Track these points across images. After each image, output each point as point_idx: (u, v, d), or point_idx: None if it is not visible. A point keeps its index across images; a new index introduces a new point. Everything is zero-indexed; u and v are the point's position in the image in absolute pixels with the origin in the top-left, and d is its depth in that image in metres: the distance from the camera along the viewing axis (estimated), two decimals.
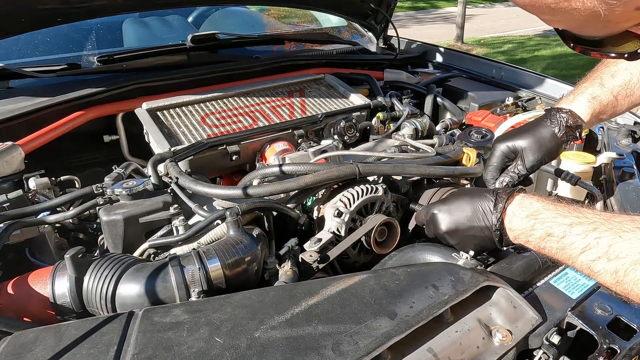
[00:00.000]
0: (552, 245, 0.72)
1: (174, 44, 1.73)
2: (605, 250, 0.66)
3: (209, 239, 0.91)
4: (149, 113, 1.35)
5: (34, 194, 1.07)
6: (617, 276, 0.64)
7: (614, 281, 0.64)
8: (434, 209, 0.90)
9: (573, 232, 0.70)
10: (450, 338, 0.67)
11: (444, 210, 0.88)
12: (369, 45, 2.21)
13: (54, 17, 1.44)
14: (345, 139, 1.37)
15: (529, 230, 0.76)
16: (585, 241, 0.68)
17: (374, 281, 0.73)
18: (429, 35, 9.81)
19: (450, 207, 0.87)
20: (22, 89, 1.46)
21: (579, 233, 0.69)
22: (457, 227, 0.86)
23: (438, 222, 0.88)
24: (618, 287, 0.65)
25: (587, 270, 0.68)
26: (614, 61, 0.95)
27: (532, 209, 0.77)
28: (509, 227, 0.79)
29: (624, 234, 0.65)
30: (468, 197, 0.86)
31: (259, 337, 0.60)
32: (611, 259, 0.65)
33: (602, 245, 0.66)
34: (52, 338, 0.61)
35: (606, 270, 0.65)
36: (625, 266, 0.63)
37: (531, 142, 0.96)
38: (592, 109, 0.95)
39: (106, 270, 0.77)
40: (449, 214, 0.87)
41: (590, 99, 0.95)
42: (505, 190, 0.82)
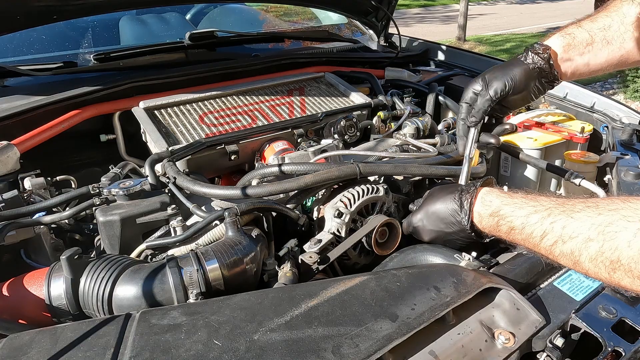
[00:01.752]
0: (517, 237, 0.76)
1: (171, 41, 1.73)
2: (560, 233, 0.68)
3: (207, 240, 0.91)
4: (146, 112, 1.35)
5: (29, 194, 1.07)
6: (573, 257, 0.66)
7: (572, 262, 0.67)
8: (412, 221, 0.96)
9: (530, 221, 0.73)
10: (453, 340, 0.67)
11: (420, 221, 0.94)
12: (369, 43, 2.20)
13: (50, 15, 1.44)
14: (346, 139, 1.37)
15: (496, 227, 0.80)
16: (542, 228, 0.70)
17: (374, 283, 0.73)
18: (430, 33, 9.82)
19: (424, 218, 0.94)
20: (17, 87, 1.46)
21: (536, 221, 0.72)
22: (437, 235, 0.92)
23: (420, 234, 0.95)
24: (577, 268, 0.67)
25: (550, 256, 0.71)
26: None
27: (493, 206, 0.81)
28: (480, 225, 0.83)
29: (575, 214, 0.67)
30: (438, 203, 0.91)
31: (258, 339, 0.60)
32: (565, 240, 0.67)
33: (557, 229, 0.68)
34: (48, 341, 0.61)
35: (564, 253, 0.67)
36: (579, 245, 0.65)
37: (505, 82, 0.93)
38: (565, 42, 0.93)
39: (103, 271, 0.76)
40: (428, 224, 0.93)
41: (563, 34, 0.94)
42: (467, 188, 0.86)
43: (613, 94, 5.70)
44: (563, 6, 13.36)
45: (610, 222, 0.62)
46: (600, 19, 0.95)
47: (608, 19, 0.94)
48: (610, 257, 0.61)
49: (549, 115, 1.52)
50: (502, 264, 0.87)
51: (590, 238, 0.64)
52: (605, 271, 0.62)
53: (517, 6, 14.40)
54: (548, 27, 10.70)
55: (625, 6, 0.93)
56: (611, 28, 0.93)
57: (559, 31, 0.97)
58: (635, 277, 0.59)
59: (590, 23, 0.95)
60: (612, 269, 0.62)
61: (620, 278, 0.61)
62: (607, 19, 0.94)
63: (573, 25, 0.97)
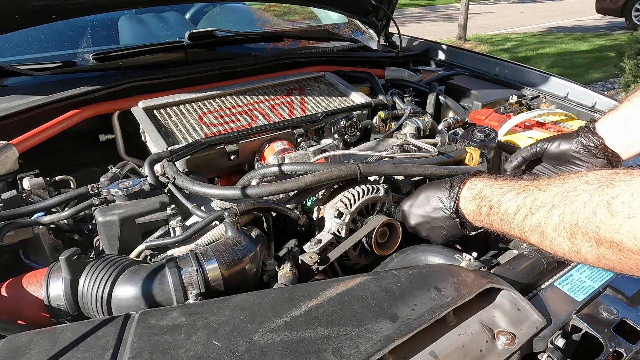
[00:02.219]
0: (495, 218, 0.77)
1: (171, 41, 1.73)
2: (529, 207, 0.69)
3: (206, 240, 0.91)
4: (146, 112, 1.35)
5: (28, 194, 1.07)
6: (540, 229, 0.67)
7: (540, 235, 0.67)
8: (402, 205, 0.99)
9: (506, 198, 0.75)
10: (453, 341, 0.67)
11: (408, 205, 0.97)
12: (370, 43, 2.20)
13: (49, 14, 1.43)
14: (346, 138, 1.37)
15: (478, 211, 0.81)
16: (516, 204, 0.72)
17: (375, 283, 0.73)
18: (431, 32, 9.83)
19: (414, 202, 0.96)
20: (16, 87, 1.46)
21: (511, 198, 0.73)
22: (423, 220, 0.93)
23: (407, 218, 0.97)
24: (545, 242, 0.67)
25: (524, 235, 0.71)
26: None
27: (477, 189, 0.83)
28: (465, 211, 0.85)
29: (546, 187, 0.68)
30: (428, 189, 0.93)
31: (257, 340, 0.60)
32: (534, 212, 0.68)
33: (528, 203, 0.70)
34: (47, 341, 0.61)
35: (532, 227, 0.68)
36: (544, 215, 0.66)
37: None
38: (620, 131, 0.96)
39: (102, 272, 0.76)
40: (415, 208, 0.95)
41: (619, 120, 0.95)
42: (460, 177, 0.89)
43: (615, 94, 5.70)
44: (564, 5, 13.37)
45: (573, 188, 0.64)
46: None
47: None
48: (570, 221, 0.62)
49: (550, 114, 1.52)
50: (503, 264, 0.87)
51: (554, 205, 0.65)
52: (567, 238, 0.63)
53: (517, 5, 14.41)
54: (549, 26, 10.71)
55: None
56: None
57: (610, 115, 0.96)
58: (592, 239, 0.59)
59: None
60: (571, 234, 0.62)
61: (580, 244, 0.62)
62: None
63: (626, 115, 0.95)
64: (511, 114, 1.54)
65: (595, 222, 0.59)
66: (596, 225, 0.59)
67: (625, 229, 0.55)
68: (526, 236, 0.71)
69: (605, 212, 0.58)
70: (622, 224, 0.56)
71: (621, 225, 0.56)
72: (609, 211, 0.57)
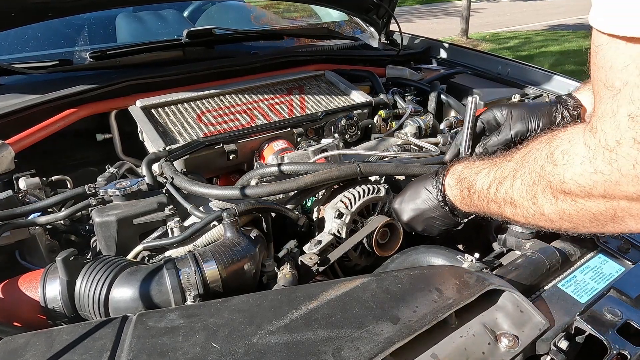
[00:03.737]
0: (474, 198, 0.77)
1: (169, 39, 1.73)
2: (499, 179, 0.69)
3: (205, 241, 0.91)
4: (143, 111, 1.35)
5: (24, 194, 1.07)
6: (509, 198, 0.67)
7: (510, 204, 0.67)
8: (393, 203, 0.98)
9: (480, 176, 0.75)
10: (455, 343, 0.67)
11: (399, 202, 0.96)
12: (370, 41, 2.21)
13: (45, 12, 1.44)
14: (346, 138, 1.37)
15: (460, 194, 0.81)
16: (488, 178, 0.72)
17: (375, 284, 0.73)
18: (432, 30, 9.82)
19: (404, 197, 0.95)
20: (11, 85, 1.46)
21: (485, 174, 0.74)
22: (415, 214, 0.92)
23: (400, 215, 0.96)
24: (517, 213, 0.67)
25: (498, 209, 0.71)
26: None
27: (457, 174, 0.83)
28: (452, 198, 0.85)
29: (512, 155, 0.69)
30: (416, 182, 0.93)
31: (257, 342, 0.60)
32: (502, 181, 0.68)
33: (498, 174, 0.70)
34: (43, 343, 0.61)
35: (503, 199, 0.68)
36: (510, 182, 0.66)
37: (522, 110, 0.96)
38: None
39: (99, 273, 0.76)
40: (406, 203, 0.94)
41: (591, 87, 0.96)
42: (445, 166, 0.88)
43: None
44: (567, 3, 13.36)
45: (530, 149, 0.64)
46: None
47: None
48: (528, 181, 0.63)
49: None
50: (506, 265, 0.87)
51: (517, 170, 0.66)
52: (530, 201, 0.63)
53: (520, 3, 14.40)
54: (551, 24, 10.71)
55: None
56: None
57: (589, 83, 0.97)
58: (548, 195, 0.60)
59: None
60: (532, 196, 0.63)
61: (542, 204, 0.62)
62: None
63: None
64: None
65: (545, 176, 0.60)
66: (546, 179, 0.60)
67: (568, 177, 0.56)
68: (501, 210, 0.71)
69: (549, 163, 0.59)
70: (565, 172, 0.57)
71: (564, 173, 0.57)
72: (552, 162, 0.59)
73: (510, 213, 0.70)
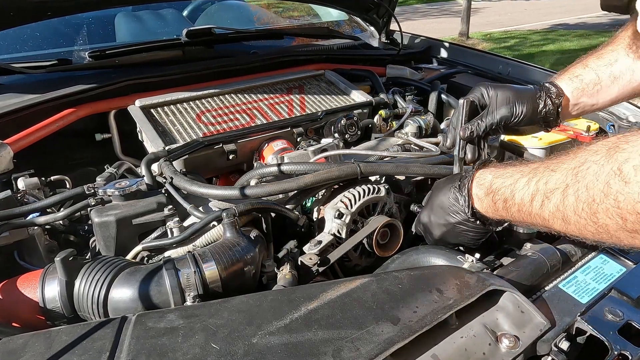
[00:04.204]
0: (513, 211, 0.72)
1: (168, 38, 1.73)
2: (544, 191, 0.64)
3: (204, 241, 0.91)
4: (143, 110, 1.35)
5: (23, 194, 1.07)
6: (560, 214, 0.62)
7: (562, 221, 0.62)
8: (421, 220, 0.93)
9: (518, 186, 0.70)
10: (455, 344, 0.67)
11: (426, 216, 0.91)
12: (370, 40, 2.21)
13: (44, 11, 1.44)
14: (346, 138, 1.37)
15: (494, 206, 0.76)
16: (529, 190, 0.67)
17: (376, 285, 0.73)
18: (433, 29, 9.83)
19: (430, 212, 0.90)
20: (10, 85, 1.46)
21: (524, 185, 0.69)
22: (447, 229, 0.87)
23: (430, 230, 0.91)
24: (570, 228, 0.62)
25: (545, 224, 0.67)
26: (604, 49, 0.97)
27: (486, 184, 0.78)
28: (482, 209, 0.80)
29: (557, 165, 0.64)
30: (440, 195, 0.87)
31: (256, 343, 0.60)
32: (549, 196, 0.63)
33: (541, 187, 0.65)
34: (42, 344, 0.61)
35: (552, 213, 0.63)
36: (561, 197, 0.61)
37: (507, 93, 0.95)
38: (574, 87, 0.96)
39: (98, 273, 0.76)
40: (435, 219, 0.89)
41: (572, 76, 0.96)
42: (466, 173, 0.83)
43: None
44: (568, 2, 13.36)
45: (583, 161, 0.59)
46: (606, 54, 0.95)
47: (614, 54, 0.94)
48: (586, 199, 0.57)
49: None
50: (506, 265, 0.87)
51: (568, 185, 0.60)
52: (589, 219, 0.58)
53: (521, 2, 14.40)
54: (552, 23, 10.71)
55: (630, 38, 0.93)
56: (618, 62, 0.93)
57: (567, 72, 0.98)
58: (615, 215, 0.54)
59: (596, 60, 0.96)
60: (592, 214, 0.57)
61: (605, 223, 0.56)
62: (614, 54, 0.94)
63: (580, 64, 0.98)
64: None
65: (612, 195, 0.53)
66: (614, 199, 0.53)
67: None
68: (549, 224, 0.66)
69: (618, 181, 0.52)
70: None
71: (639, 192, 0.50)
72: (621, 179, 0.52)
73: (561, 227, 0.64)
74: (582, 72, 0.96)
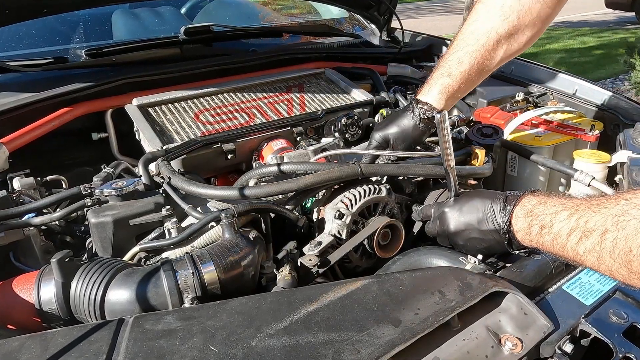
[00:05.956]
0: (547, 239, 0.74)
1: (166, 36, 1.73)
2: (583, 229, 0.68)
3: (203, 242, 0.91)
4: (140, 109, 1.35)
5: (18, 194, 1.07)
6: (595, 253, 0.65)
7: (596, 260, 0.66)
8: (445, 206, 0.93)
9: (558, 218, 0.72)
10: (458, 346, 0.67)
11: (456, 209, 0.91)
12: (371, 38, 2.21)
13: (40, 8, 1.43)
14: (347, 137, 1.37)
15: (528, 229, 0.79)
16: (569, 224, 0.70)
17: (376, 286, 0.73)
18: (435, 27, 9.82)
19: (462, 207, 0.90)
20: (5, 84, 1.46)
21: (564, 218, 0.71)
22: (465, 228, 0.88)
23: (447, 221, 0.91)
24: (602, 267, 0.66)
25: (578, 259, 0.70)
26: (460, 46, 1.10)
27: (529, 206, 0.80)
28: (515, 228, 0.81)
29: (598, 207, 0.67)
30: (480, 199, 0.88)
31: (255, 345, 0.60)
32: (587, 235, 0.67)
33: (581, 224, 0.68)
34: (38, 346, 0.61)
35: (587, 250, 0.67)
36: (598, 239, 0.65)
37: (398, 133, 1.14)
38: (446, 98, 1.10)
39: (95, 275, 0.76)
40: (460, 214, 0.89)
41: (442, 90, 1.10)
42: (517, 193, 0.84)
43: (625, 91, 5.70)
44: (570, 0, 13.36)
45: (624, 212, 0.62)
46: (465, 60, 1.09)
47: (472, 58, 1.08)
48: (624, 248, 0.61)
49: (558, 112, 1.52)
50: (509, 267, 0.87)
51: (607, 229, 0.64)
52: (623, 265, 0.62)
53: None
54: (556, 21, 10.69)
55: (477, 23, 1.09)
56: (477, 63, 1.09)
57: (435, 84, 1.10)
58: None
59: (458, 67, 1.09)
60: (627, 262, 0.61)
61: (639, 270, 0.61)
62: (471, 58, 1.08)
63: (445, 74, 1.10)
64: (517, 111, 1.54)
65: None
66: None
67: None
68: (581, 259, 0.69)
69: None
70: None
71: None
72: None
73: (593, 265, 0.68)
74: (450, 82, 1.10)
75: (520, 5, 1.05)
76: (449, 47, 1.14)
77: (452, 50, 1.11)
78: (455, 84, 1.09)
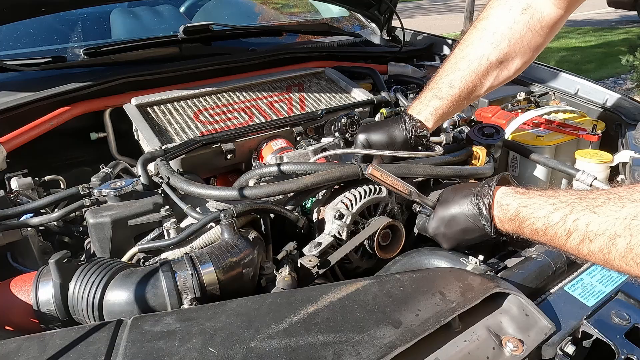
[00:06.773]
0: (542, 239, 0.76)
1: (165, 35, 1.73)
2: (584, 232, 0.68)
3: (202, 242, 0.91)
4: (139, 109, 1.35)
5: (16, 194, 1.07)
6: (602, 255, 0.66)
7: (602, 261, 0.67)
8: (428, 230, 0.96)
9: (552, 221, 0.73)
10: (459, 348, 0.67)
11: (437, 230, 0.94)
12: (372, 37, 2.21)
13: (38, 7, 1.43)
14: (347, 137, 1.36)
15: (518, 229, 0.80)
16: (565, 227, 0.71)
17: (377, 287, 0.73)
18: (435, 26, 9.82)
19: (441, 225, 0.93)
20: (3, 83, 1.46)
21: (558, 220, 0.72)
22: (458, 243, 0.92)
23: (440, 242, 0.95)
24: (609, 266, 0.67)
25: (580, 255, 0.71)
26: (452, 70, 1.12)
27: (511, 210, 0.81)
28: (503, 229, 0.84)
29: (598, 209, 0.67)
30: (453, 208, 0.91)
31: (255, 347, 0.60)
32: (592, 239, 0.67)
33: (581, 227, 0.69)
34: (36, 348, 0.61)
35: (592, 252, 0.67)
36: (606, 243, 0.65)
37: (386, 141, 1.12)
38: (435, 120, 1.14)
39: (93, 275, 0.76)
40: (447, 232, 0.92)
41: (433, 111, 1.12)
42: (482, 191, 0.86)
43: (627, 90, 5.70)
44: None
45: (635, 215, 0.62)
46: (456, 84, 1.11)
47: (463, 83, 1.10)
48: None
49: (559, 112, 1.52)
50: (510, 268, 0.87)
51: (617, 234, 0.64)
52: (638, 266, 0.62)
53: None
54: None
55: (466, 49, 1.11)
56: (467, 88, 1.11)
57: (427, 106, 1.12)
58: None
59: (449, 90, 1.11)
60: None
61: None
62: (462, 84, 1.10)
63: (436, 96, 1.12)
64: (519, 111, 1.54)
65: None
66: None
67: None
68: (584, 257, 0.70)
69: None
70: None
71: None
72: None
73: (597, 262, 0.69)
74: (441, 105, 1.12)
75: (511, 33, 1.07)
76: (441, 68, 1.16)
77: (444, 73, 1.14)
78: (445, 107, 1.12)
